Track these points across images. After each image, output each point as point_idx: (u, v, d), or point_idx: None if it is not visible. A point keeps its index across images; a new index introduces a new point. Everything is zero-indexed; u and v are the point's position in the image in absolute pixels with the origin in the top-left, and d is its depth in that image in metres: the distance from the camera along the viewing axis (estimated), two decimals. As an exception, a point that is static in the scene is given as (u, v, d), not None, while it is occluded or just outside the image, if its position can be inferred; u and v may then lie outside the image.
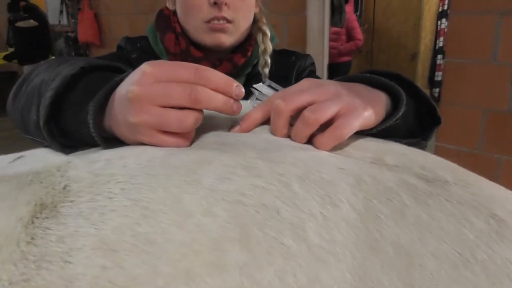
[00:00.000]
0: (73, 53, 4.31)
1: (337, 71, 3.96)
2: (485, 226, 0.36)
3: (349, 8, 4.31)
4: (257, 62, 0.90)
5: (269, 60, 0.87)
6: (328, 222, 0.34)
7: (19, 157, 0.47)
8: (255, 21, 0.90)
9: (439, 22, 4.83)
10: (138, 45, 0.89)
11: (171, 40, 0.84)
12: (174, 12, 0.87)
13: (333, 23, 3.70)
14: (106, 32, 4.08)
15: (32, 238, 0.33)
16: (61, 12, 4.48)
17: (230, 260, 0.30)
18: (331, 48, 3.40)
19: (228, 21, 0.81)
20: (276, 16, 3.23)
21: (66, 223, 0.33)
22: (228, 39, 0.82)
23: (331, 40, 3.37)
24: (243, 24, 0.84)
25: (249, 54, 0.87)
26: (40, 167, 0.41)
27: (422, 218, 0.36)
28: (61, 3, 4.44)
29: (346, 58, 4.55)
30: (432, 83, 4.93)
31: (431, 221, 0.36)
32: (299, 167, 0.38)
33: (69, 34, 4.42)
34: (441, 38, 4.86)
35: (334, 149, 0.44)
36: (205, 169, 0.36)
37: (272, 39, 0.90)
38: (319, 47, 3.27)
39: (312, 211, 0.34)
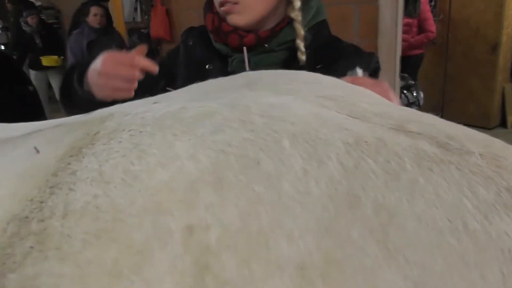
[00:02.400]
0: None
1: (408, 65, 3.64)
2: (493, 197, 0.32)
3: None
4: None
5: (299, 42, 0.88)
6: (307, 177, 0.33)
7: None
8: (290, 2, 0.91)
9: None
10: (195, 32, 0.99)
11: (209, 19, 0.93)
12: None
13: (407, 13, 3.41)
14: (177, 27, 4.04)
15: (56, 171, 0.39)
16: (135, 9, 4.70)
17: (199, 199, 0.32)
18: (402, 40, 3.15)
19: (235, 3, 0.87)
20: (347, 4, 3.08)
21: (82, 161, 0.38)
22: (240, 19, 0.88)
23: (402, 32, 3.12)
24: (253, 3, 0.87)
25: (277, 29, 0.90)
26: (88, 117, 0.48)
27: (418, 182, 0.33)
28: (136, 1, 4.63)
29: (417, 51, 4.21)
30: None
31: (427, 186, 0.33)
32: (297, 125, 0.38)
33: (143, 30, 4.55)
34: None
35: (355, 114, 0.43)
36: (204, 122, 0.38)
37: (311, 19, 0.91)
38: (391, 39, 3.02)
39: (294, 166, 0.34)
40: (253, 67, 0.88)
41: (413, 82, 3.57)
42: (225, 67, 0.91)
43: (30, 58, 4.99)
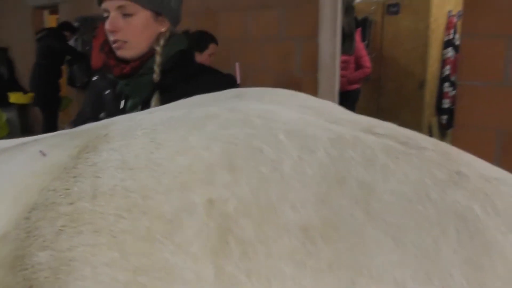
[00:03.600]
0: (86, 79, 4.49)
1: (346, 99, 3.98)
2: (446, 177, 0.41)
3: (357, 37, 4.36)
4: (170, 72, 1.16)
5: (155, 68, 1.15)
6: (302, 162, 0.41)
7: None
8: (158, 38, 1.17)
9: (445, 51, 4.83)
10: (98, 70, 1.32)
11: (101, 57, 1.22)
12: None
13: (343, 50, 3.74)
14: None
15: (76, 164, 0.43)
16: (76, 39, 4.77)
17: (217, 179, 0.39)
18: (340, 76, 3.45)
19: (124, 41, 1.13)
20: (290, 41, 3.34)
21: (101, 154, 0.43)
22: (128, 53, 1.15)
23: (340, 68, 3.43)
24: (137, 41, 1.15)
25: (145, 59, 1.16)
26: (89, 126, 0.53)
27: (389, 166, 0.42)
28: (77, 31, 4.72)
29: (355, 86, 4.57)
30: (440, 110, 4.86)
31: (396, 169, 0.41)
32: (289, 124, 0.46)
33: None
34: (447, 67, 4.81)
35: (331, 119, 0.51)
36: (210, 121, 0.45)
37: (169, 50, 1.17)
38: (331, 74, 3.30)
39: (290, 153, 0.42)
40: (132, 87, 1.16)
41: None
42: (115, 92, 1.18)
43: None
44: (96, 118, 1.07)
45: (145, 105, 1.14)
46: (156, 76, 1.15)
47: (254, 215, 0.36)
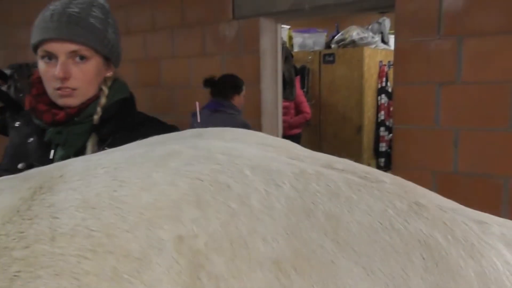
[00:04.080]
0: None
1: None
2: (407, 208, 0.43)
3: (296, 84, 4.63)
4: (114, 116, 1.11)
5: (99, 109, 1.09)
6: (270, 196, 0.41)
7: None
8: (104, 80, 1.13)
9: (379, 97, 5.25)
10: (20, 115, 1.20)
11: (27, 100, 1.27)
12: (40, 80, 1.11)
13: (285, 96, 3.94)
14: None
15: (30, 206, 0.41)
16: (9, 87, 4.56)
17: (185, 215, 0.38)
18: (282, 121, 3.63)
19: (74, 89, 1.05)
20: None
21: (58, 194, 0.41)
22: (75, 101, 1.06)
23: (282, 113, 3.61)
24: (87, 88, 1.08)
25: (83, 106, 1.08)
26: (39, 169, 0.50)
27: (352, 198, 0.43)
28: (10, 78, 4.56)
29: (296, 131, 4.81)
30: (377, 153, 5.20)
31: (360, 201, 0.43)
32: (253, 160, 0.46)
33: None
34: (382, 112, 5.22)
35: (292, 156, 0.52)
36: (174, 158, 0.45)
37: (113, 95, 1.13)
38: (273, 118, 3.45)
39: (257, 188, 0.42)
40: (65, 136, 1.06)
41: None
42: (42, 138, 1.08)
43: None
44: (14, 170, 0.98)
45: (79, 155, 1.04)
46: (97, 118, 1.09)
47: (226, 250, 0.36)
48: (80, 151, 1.07)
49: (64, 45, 1.03)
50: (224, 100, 3.00)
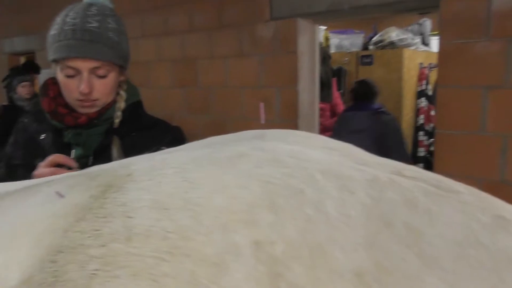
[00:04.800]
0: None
1: None
2: (491, 221, 0.40)
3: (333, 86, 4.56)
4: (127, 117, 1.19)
5: (119, 113, 1.17)
6: (345, 202, 0.39)
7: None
8: (120, 85, 1.20)
9: (418, 101, 5.04)
10: (29, 113, 1.29)
11: (45, 102, 1.17)
12: (55, 81, 1.17)
13: (322, 98, 3.88)
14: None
15: (102, 204, 0.40)
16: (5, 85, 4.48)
17: (260, 219, 0.36)
18: None
19: (95, 100, 1.12)
20: (269, 88, 3.41)
21: (129, 193, 0.41)
22: (94, 109, 1.14)
23: None
24: (107, 98, 1.16)
25: (103, 110, 1.16)
26: (105, 167, 0.50)
27: (432, 210, 0.41)
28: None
29: (329, 134, 4.72)
30: (415, 158, 4.98)
31: (440, 213, 0.40)
32: (322, 164, 0.44)
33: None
34: (421, 116, 5.01)
35: (359, 162, 0.50)
36: (243, 160, 0.43)
37: (129, 98, 1.20)
38: (310, 120, 3.39)
39: (331, 193, 0.40)
40: (85, 137, 1.14)
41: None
42: (58, 138, 1.16)
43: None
44: (31, 165, 1.07)
45: (97, 154, 1.12)
46: (118, 122, 1.17)
47: (304, 259, 0.34)
48: (97, 151, 1.14)
49: (87, 63, 1.09)
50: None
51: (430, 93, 4.89)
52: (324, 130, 4.56)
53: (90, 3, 1.14)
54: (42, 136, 1.17)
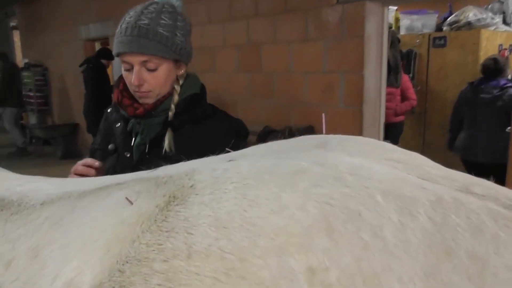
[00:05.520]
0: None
1: (391, 131, 3.94)
2: None
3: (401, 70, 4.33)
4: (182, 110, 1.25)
5: (172, 106, 1.22)
6: (405, 227, 0.38)
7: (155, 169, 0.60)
8: (177, 79, 1.25)
9: None
10: (112, 104, 1.36)
11: (115, 94, 1.28)
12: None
13: (389, 82, 3.71)
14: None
15: (166, 217, 0.43)
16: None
17: (316, 244, 0.37)
18: (386, 108, 3.40)
19: (148, 91, 1.19)
20: (334, 73, 3.30)
21: (191, 208, 0.42)
22: (150, 100, 1.21)
23: (386, 100, 3.40)
24: (161, 89, 1.21)
25: (158, 103, 1.22)
26: (172, 172, 0.53)
27: (499, 236, 0.39)
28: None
29: (400, 118, 4.49)
30: None
31: (508, 239, 0.38)
32: (384, 183, 0.43)
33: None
34: None
35: (424, 176, 0.49)
36: (302, 176, 0.44)
37: (185, 91, 1.25)
38: (376, 107, 3.23)
39: (391, 217, 0.39)
40: (143, 127, 1.22)
41: (395, 148, 3.75)
42: (126, 126, 1.26)
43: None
44: (105, 149, 1.26)
45: (153, 143, 1.21)
46: (171, 114, 1.23)
47: (359, 288, 0.34)
48: (154, 140, 1.21)
49: (136, 57, 1.17)
50: None
51: (510, 76, 4.55)
52: (394, 115, 4.40)
53: (156, 2, 1.22)
54: (118, 125, 1.30)
